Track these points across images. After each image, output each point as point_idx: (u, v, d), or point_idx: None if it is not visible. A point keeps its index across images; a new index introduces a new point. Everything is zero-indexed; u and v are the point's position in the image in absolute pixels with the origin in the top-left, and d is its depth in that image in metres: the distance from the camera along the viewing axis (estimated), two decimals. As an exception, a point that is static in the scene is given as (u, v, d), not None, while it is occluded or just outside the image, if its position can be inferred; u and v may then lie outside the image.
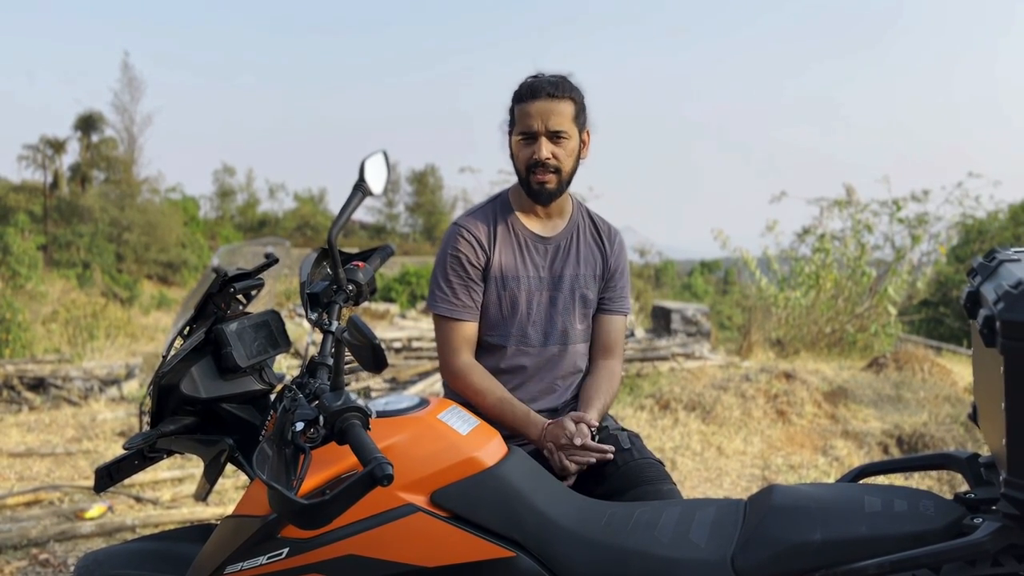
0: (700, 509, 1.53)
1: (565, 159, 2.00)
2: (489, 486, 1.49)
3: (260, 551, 1.46)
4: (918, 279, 11.34)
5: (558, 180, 2.02)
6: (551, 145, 1.98)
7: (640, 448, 1.99)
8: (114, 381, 7.76)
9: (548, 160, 1.98)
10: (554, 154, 1.99)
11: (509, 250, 2.07)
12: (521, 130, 2.00)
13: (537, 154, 1.98)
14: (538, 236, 2.10)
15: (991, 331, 1.22)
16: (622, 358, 2.20)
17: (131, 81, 42.83)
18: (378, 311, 16.23)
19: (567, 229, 2.12)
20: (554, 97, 1.97)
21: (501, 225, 2.08)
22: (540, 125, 1.97)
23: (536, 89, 1.98)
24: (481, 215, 2.10)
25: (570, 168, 2.03)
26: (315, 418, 1.32)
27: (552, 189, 2.02)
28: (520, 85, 2.03)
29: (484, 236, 2.06)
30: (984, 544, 1.26)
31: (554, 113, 1.97)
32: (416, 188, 54.62)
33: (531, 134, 1.99)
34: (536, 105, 1.97)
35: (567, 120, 1.98)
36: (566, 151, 2.00)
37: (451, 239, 2.06)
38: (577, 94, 2.02)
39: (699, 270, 34.05)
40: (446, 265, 2.05)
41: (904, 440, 5.23)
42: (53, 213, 36.80)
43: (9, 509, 4.01)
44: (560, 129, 1.98)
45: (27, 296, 18.21)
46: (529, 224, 2.10)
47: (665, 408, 5.94)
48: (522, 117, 2.00)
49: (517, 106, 2.02)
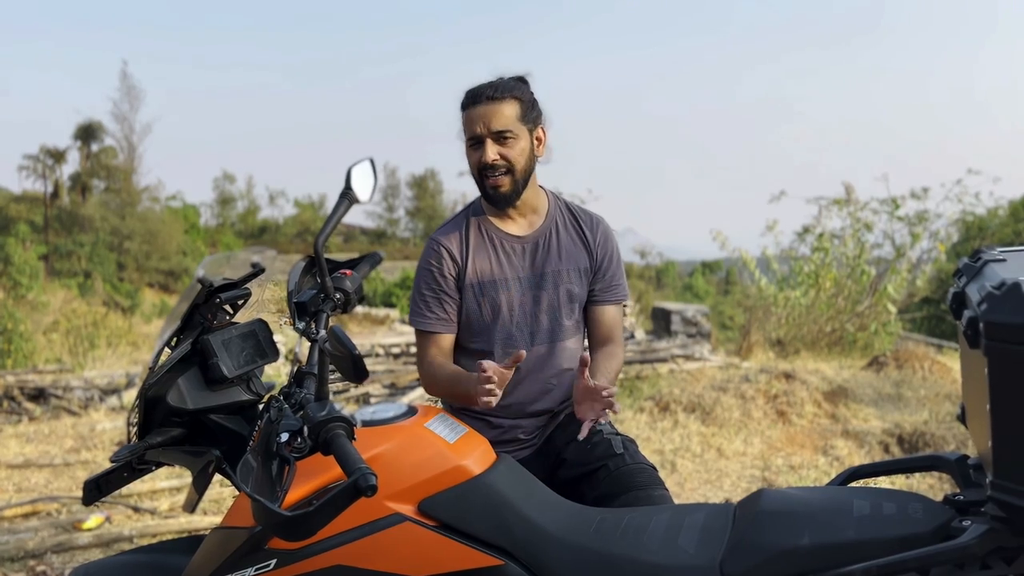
0: (689, 514, 1.52)
1: (516, 158, 1.99)
2: (477, 494, 1.48)
3: (248, 563, 1.46)
4: (918, 277, 11.33)
5: (511, 181, 2.01)
6: (497, 147, 1.98)
7: (633, 453, 1.99)
8: (114, 390, 7.76)
9: (496, 162, 1.98)
10: (502, 155, 1.98)
11: (484, 255, 2.07)
12: (468, 136, 2.02)
13: (484, 157, 1.98)
14: (514, 237, 2.09)
15: (975, 332, 1.22)
16: (623, 345, 2.17)
17: (130, 90, 43.01)
18: (378, 316, 16.22)
19: (544, 226, 2.10)
20: (494, 100, 1.97)
21: (474, 232, 2.08)
22: (483, 128, 1.97)
23: (476, 94, 1.99)
24: (454, 226, 2.11)
25: (523, 167, 2.02)
26: (300, 429, 1.31)
27: (507, 192, 2.01)
28: (464, 93, 2.04)
29: (456, 247, 2.07)
30: (972, 547, 1.26)
31: (496, 115, 1.97)
32: (416, 192, 54.65)
33: (477, 138, 1.99)
34: (478, 110, 1.98)
35: (511, 120, 1.98)
36: (515, 151, 1.99)
37: (425, 253, 2.10)
38: (520, 92, 2.01)
39: (700, 271, 34.06)
40: (420, 279, 2.10)
41: (905, 439, 5.21)
42: (54, 223, 36.89)
43: (7, 521, 4.01)
44: (504, 129, 1.97)
45: (29, 306, 18.26)
46: (503, 226, 2.09)
47: (665, 410, 5.92)
48: (467, 123, 2.01)
49: (463, 114, 2.03)
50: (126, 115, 42.15)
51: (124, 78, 51.26)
